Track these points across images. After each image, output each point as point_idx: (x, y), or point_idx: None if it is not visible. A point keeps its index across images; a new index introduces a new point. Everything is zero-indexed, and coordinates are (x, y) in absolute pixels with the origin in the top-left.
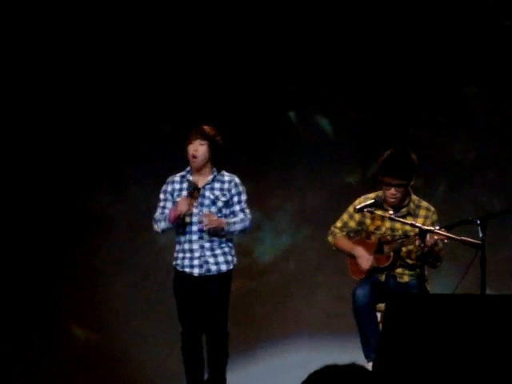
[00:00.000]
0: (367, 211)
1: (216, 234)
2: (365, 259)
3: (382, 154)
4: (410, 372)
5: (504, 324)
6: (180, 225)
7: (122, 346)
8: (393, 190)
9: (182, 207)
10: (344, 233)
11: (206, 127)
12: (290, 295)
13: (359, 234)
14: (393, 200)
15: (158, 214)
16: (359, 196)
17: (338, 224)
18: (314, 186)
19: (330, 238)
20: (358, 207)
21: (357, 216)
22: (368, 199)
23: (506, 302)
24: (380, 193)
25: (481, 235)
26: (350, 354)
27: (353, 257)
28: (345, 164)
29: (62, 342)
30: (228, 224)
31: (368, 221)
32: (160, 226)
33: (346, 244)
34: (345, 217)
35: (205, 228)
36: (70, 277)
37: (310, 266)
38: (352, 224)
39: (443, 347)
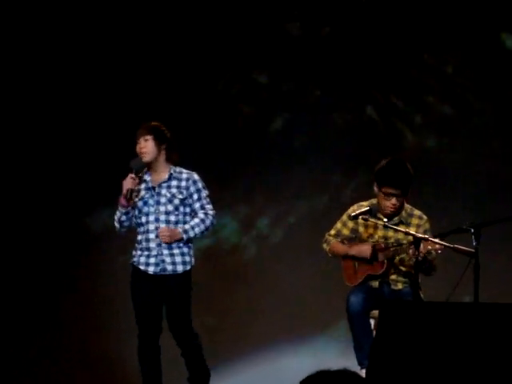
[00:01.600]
0: (362, 218)
1: (178, 241)
2: (364, 249)
3: (378, 163)
4: (403, 379)
5: (497, 332)
6: (139, 223)
7: (122, 346)
8: (394, 201)
9: (127, 183)
10: (338, 240)
11: (146, 124)
12: (282, 299)
13: (353, 241)
14: (392, 210)
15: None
16: (354, 201)
17: (332, 232)
18: (312, 190)
19: (324, 246)
20: (352, 214)
21: (350, 224)
22: (362, 207)
23: (499, 310)
24: (374, 201)
25: (474, 243)
26: (343, 360)
27: (350, 258)
28: (341, 168)
29: (62, 342)
30: (185, 232)
31: (361, 228)
32: (116, 217)
33: (340, 247)
34: (338, 225)
35: (162, 240)
36: (70, 277)
37: (303, 271)
38: (345, 232)
39: (436, 355)
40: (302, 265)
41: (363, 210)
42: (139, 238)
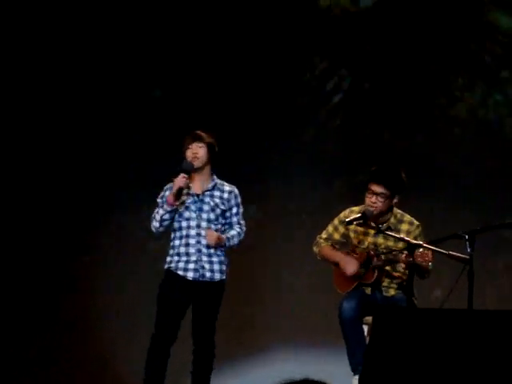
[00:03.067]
0: (357, 224)
1: (216, 247)
2: (349, 264)
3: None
4: None
5: (491, 339)
6: (178, 228)
7: (122, 346)
8: (374, 199)
9: (180, 182)
10: (329, 243)
11: (200, 132)
12: (276, 304)
13: (345, 247)
14: (372, 209)
15: (155, 211)
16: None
17: (323, 235)
18: (309, 192)
19: (314, 248)
20: (347, 220)
21: (341, 229)
22: (353, 212)
23: (492, 317)
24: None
25: (469, 250)
26: (336, 366)
27: (338, 266)
28: (337, 171)
29: (62, 342)
30: (228, 240)
31: (352, 234)
32: (157, 216)
33: (329, 252)
34: (330, 228)
35: (208, 242)
36: (70, 277)
37: (298, 275)
38: (336, 236)
39: (430, 362)
40: (302, 266)
41: (358, 216)
42: (177, 242)
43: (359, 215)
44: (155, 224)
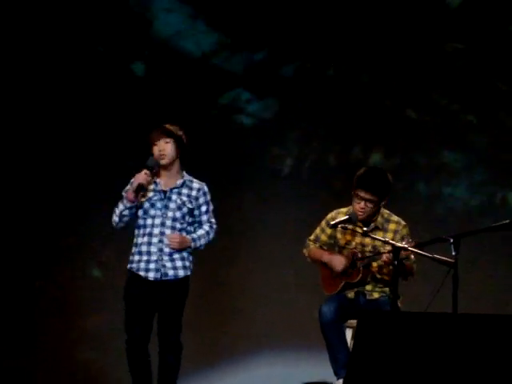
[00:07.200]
0: (341, 227)
1: (182, 250)
2: (336, 261)
3: (359, 169)
4: None
5: (476, 343)
6: (141, 225)
7: (108, 355)
8: (362, 204)
9: (140, 178)
10: (317, 245)
11: (168, 125)
12: (262, 309)
13: (333, 248)
14: (360, 213)
15: (117, 205)
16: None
17: (312, 237)
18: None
19: (304, 251)
20: (332, 223)
21: (328, 230)
22: (340, 214)
23: (477, 320)
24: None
25: (454, 253)
26: (321, 369)
27: (326, 267)
28: (323, 177)
29: (62, 342)
30: (194, 240)
31: (339, 235)
32: (117, 210)
33: (317, 253)
34: (317, 230)
35: (171, 246)
36: (69, 276)
37: (283, 280)
38: (324, 238)
39: (414, 366)
40: (288, 268)
41: (343, 218)
42: (139, 240)
43: (344, 218)
44: (115, 218)
